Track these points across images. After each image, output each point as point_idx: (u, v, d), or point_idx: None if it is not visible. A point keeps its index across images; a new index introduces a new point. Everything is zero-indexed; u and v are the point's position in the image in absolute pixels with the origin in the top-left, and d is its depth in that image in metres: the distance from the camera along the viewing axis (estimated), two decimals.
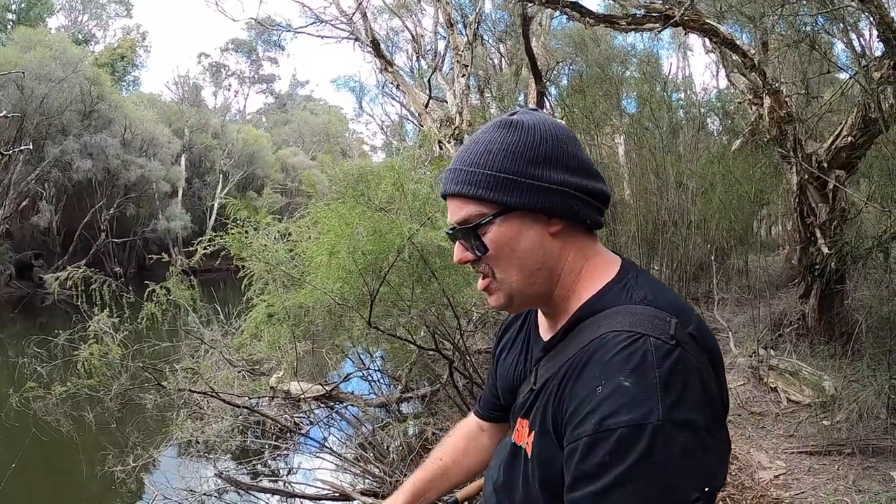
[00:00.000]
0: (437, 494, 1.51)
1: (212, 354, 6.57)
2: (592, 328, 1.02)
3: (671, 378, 0.91)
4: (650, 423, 0.87)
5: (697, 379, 0.93)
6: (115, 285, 6.10)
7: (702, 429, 0.91)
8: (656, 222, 10.75)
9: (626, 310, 1.02)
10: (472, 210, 1.09)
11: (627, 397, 0.89)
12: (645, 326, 0.96)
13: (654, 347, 0.93)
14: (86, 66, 25.65)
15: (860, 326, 6.22)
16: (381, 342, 6.32)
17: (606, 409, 0.90)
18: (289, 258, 5.78)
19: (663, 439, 0.87)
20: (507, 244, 1.08)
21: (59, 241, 25.86)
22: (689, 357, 0.94)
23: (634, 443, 0.87)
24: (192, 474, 6.12)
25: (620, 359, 0.93)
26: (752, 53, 6.75)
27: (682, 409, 0.89)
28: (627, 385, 0.90)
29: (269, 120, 52.40)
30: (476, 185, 1.08)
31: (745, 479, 4.71)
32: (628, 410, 0.89)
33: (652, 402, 0.89)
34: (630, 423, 0.88)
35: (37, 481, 6.83)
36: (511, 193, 1.07)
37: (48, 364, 5.59)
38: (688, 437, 0.89)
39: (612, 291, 1.08)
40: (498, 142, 1.09)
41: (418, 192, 4.95)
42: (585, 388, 0.95)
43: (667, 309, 1.01)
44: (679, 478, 0.89)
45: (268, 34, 36.76)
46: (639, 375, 0.91)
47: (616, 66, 14.10)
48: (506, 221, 1.08)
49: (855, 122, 6.32)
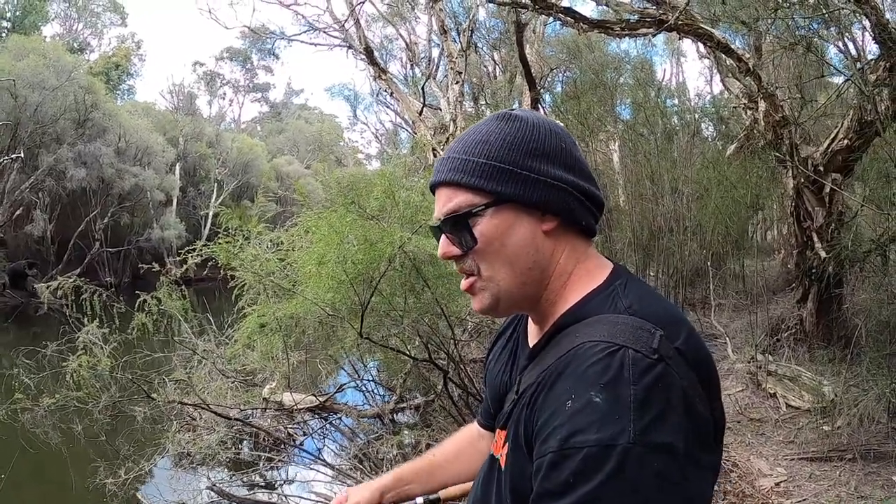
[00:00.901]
0: (420, 489, 1.45)
1: (204, 365, 6.51)
2: (570, 337, 0.96)
3: (649, 396, 0.83)
4: (619, 445, 0.80)
5: (680, 398, 0.85)
6: (105, 295, 6.03)
7: (681, 454, 0.83)
8: (652, 228, 10.77)
9: (607, 318, 0.95)
10: (463, 199, 1.03)
11: (597, 415, 0.82)
12: (625, 338, 0.89)
13: (632, 361, 0.85)
14: (80, 75, 25.57)
15: (859, 330, 6.18)
16: (375, 352, 6.27)
17: (574, 426, 0.83)
18: (279, 268, 5.73)
19: (634, 462, 0.80)
20: (498, 238, 1.02)
21: (53, 251, 25.75)
22: (671, 374, 0.86)
23: (601, 464, 0.80)
24: (185, 486, 6.05)
25: (594, 372, 0.86)
26: (747, 58, 6.72)
27: (658, 432, 0.82)
28: (598, 401, 0.83)
29: (264, 129, 52.44)
30: (469, 174, 1.02)
31: (746, 487, 4.66)
32: (597, 429, 0.81)
33: (623, 421, 0.81)
34: (598, 442, 0.81)
35: (26, 495, 6.74)
36: (506, 184, 1.01)
37: (37, 375, 5.52)
38: (664, 463, 0.81)
39: (597, 298, 1.02)
40: (495, 132, 1.04)
41: (410, 200, 4.90)
42: (555, 402, 0.88)
43: (652, 320, 0.93)
44: (644, 501, 0.81)
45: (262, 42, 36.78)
46: (611, 391, 0.83)
47: (610, 73, 14.13)
48: (498, 213, 1.02)
49: (851, 124, 6.31)
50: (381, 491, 1.42)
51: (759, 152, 8.77)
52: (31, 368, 5.60)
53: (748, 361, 7.06)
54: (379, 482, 1.45)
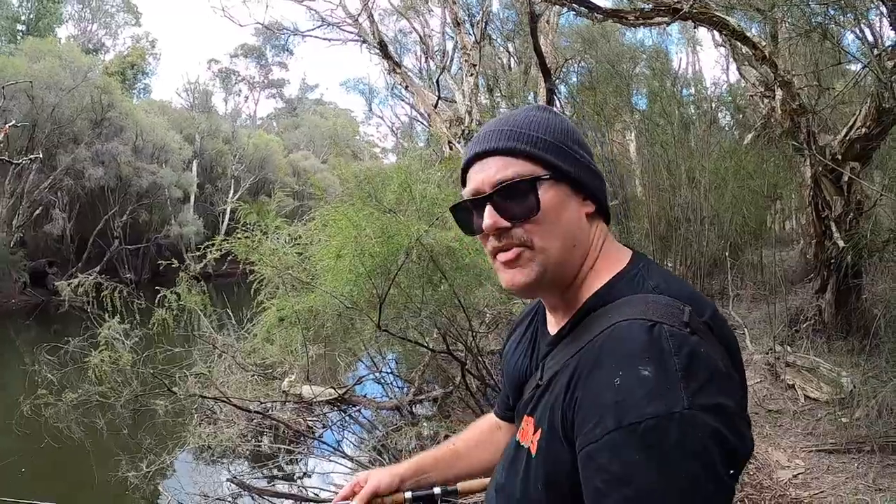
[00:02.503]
0: (439, 477, 1.47)
1: (224, 359, 6.57)
2: (602, 319, 0.98)
3: (692, 363, 0.86)
4: (677, 412, 0.82)
5: (717, 363, 0.89)
6: (126, 291, 6.10)
7: (731, 412, 0.86)
8: (669, 219, 10.69)
9: (637, 298, 0.98)
10: (523, 168, 1.04)
11: (649, 387, 0.84)
12: (658, 314, 0.91)
13: (669, 334, 0.88)
14: (96, 75, 25.80)
15: (878, 321, 6.12)
16: (393, 344, 6.29)
17: (627, 403, 0.85)
18: (298, 262, 5.76)
19: (693, 427, 0.82)
20: (555, 210, 1.04)
21: (72, 249, 25.98)
22: (705, 344, 0.89)
23: (664, 434, 0.82)
24: (206, 479, 6.12)
25: (636, 348, 0.88)
26: (763, 45, 6.67)
27: (708, 395, 0.85)
28: (647, 374, 0.85)
29: (280, 124, 52.54)
30: (531, 144, 1.05)
31: (764, 479, 4.64)
32: (652, 401, 0.83)
33: (675, 390, 0.84)
34: (655, 413, 0.83)
35: (50, 488, 6.83)
36: (564, 160, 1.05)
37: (59, 371, 5.59)
38: (719, 422, 0.84)
39: (622, 281, 1.04)
40: (541, 118, 1.08)
41: (426, 193, 4.91)
42: (600, 383, 0.89)
43: (680, 297, 0.96)
44: (715, 461, 0.83)
45: (276, 38, 36.85)
46: (657, 363, 0.86)
47: (626, 63, 14.03)
48: (554, 187, 1.04)
49: (869, 112, 6.24)
50: (400, 477, 1.44)
51: (776, 141, 8.70)
52: (53, 364, 5.67)
53: (766, 352, 7.01)
54: (399, 468, 1.46)
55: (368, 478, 1.43)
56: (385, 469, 1.47)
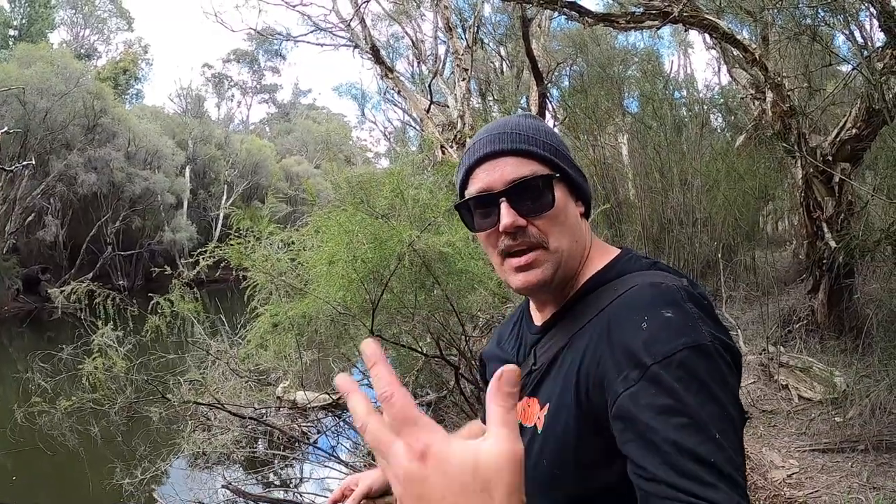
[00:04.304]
0: None
1: (218, 365, 6.55)
2: (608, 293, 1.06)
3: (702, 310, 0.96)
4: (704, 343, 0.90)
5: (714, 313, 0.99)
6: (119, 298, 6.09)
7: (736, 350, 0.96)
8: (662, 221, 10.72)
9: (641, 273, 1.08)
10: (538, 167, 1.10)
11: (677, 324, 0.92)
12: (663, 279, 1.02)
13: (676, 289, 0.98)
14: (88, 81, 25.68)
15: (870, 321, 6.15)
16: (387, 349, 6.28)
17: (658, 340, 0.91)
18: (291, 268, 5.75)
19: (719, 357, 0.90)
20: (564, 208, 1.12)
21: (65, 255, 25.93)
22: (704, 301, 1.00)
23: (699, 362, 0.89)
24: (201, 486, 6.11)
25: (655, 298, 0.97)
26: (753, 48, 6.70)
27: (721, 332, 0.94)
28: (671, 316, 0.93)
29: (273, 129, 52.56)
30: (541, 147, 1.11)
31: (758, 479, 4.65)
32: (680, 335, 0.91)
33: (698, 326, 0.92)
34: (686, 345, 0.90)
35: (44, 495, 6.81)
36: (566, 163, 1.13)
37: (53, 378, 5.58)
38: (731, 355, 0.94)
39: (621, 262, 1.14)
40: (538, 124, 1.16)
41: (419, 198, 4.91)
42: (626, 333, 0.95)
43: (676, 274, 1.08)
44: (734, 386, 0.92)
45: (268, 44, 36.85)
46: (678, 308, 0.95)
47: (617, 66, 14.07)
48: (560, 186, 1.12)
49: (859, 113, 6.27)
50: None
51: (767, 143, 8.74)
52: (47, 372, 5.65)
53: (760, 353, 7.03)
54: None
55: (359, 480, 1.43)
56: (376, 470, 1.46)
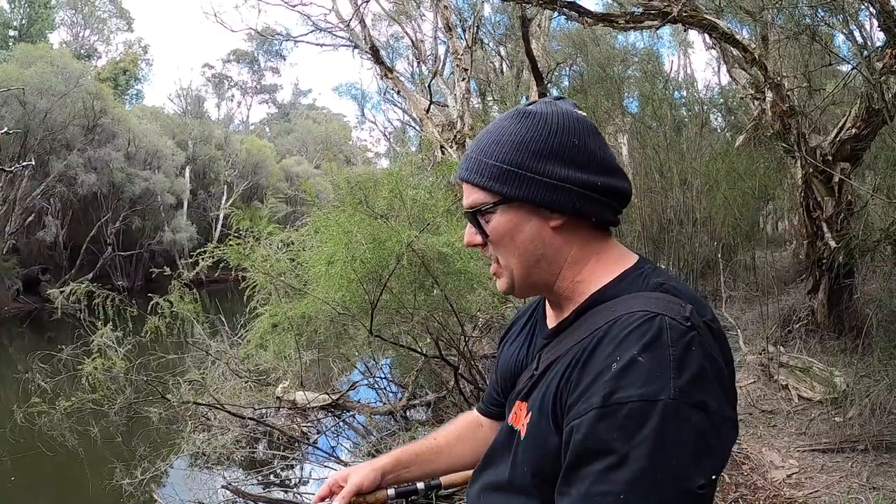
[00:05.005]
0: (420, 471, 1.49)
1: (218, 366, 6.55)
2: (606, 312, 1.02)
3: (686, 357, 0.89)
4: (661, 400, 0.86)
5: (712, 362, 0.92)
6: (118, 299, 6.08)
7: (715, 412, 0.89)
8: (661, 221, 10.73)
9: (641, 294, 1.02)
10: (478, 197, 1.12)
11: (640, 372, 0.88)
12: (661, 308, 0.95)
13: (669, 326, 0.92)
14: (88, 81, 25.59)
15: (870, 320, 6.15)
16: (386, 350, 6.29)
17: (618, 383, 0.88)
18: (290, 268, 5.75)
19: (675, 418, 0.85)
20: (507, 234, 1.10)
21: (65, 256, 25.87)
22: (703, 341, 0.93)
23: (645, 419, 0.85)
24: (201, 486, 6.09)
25: (635, 335, 0.92)
26: (753, 48, 6.70)
27: (696, 390, 0.88)
28: (641, 360, 0.89)
29: (273, 130, 52.46)
30: (481, 175, 1.10)
31: (758, 480, 4.65)
32: (641, 385, 0.87)
33: (665, 378, 0.87)
34: (641, 397, 0.86)
35: (44, 496, 6.81)
36: (512, 186, 1.07)
37: (52, 379, 5.57)
38: (700, 419, 0.87)
39: (627, 279, 1.08)
40: (508, 133, 1.10)
41: (417, 198, 4.92)
42: (599, 366, 0.93)
43: (683, 297, 1.00)
44: (688, 461, 0.86)
45: (268, 44, 36.87)
46: (652, 352, 0.89)
47: (617, 66, 14.08)
48: (506, 212, 1.10)
49: (859, 113, 6.27)
50: (382, 471, 1.44)
51: (767, 143, 8.74)
52: (47, 372, 5.65)
53: (760, 353, 7.03)
54: (380, 462, 1.47)
55: (349, 476, 1.42)
56: (366, 464, 1.46)
